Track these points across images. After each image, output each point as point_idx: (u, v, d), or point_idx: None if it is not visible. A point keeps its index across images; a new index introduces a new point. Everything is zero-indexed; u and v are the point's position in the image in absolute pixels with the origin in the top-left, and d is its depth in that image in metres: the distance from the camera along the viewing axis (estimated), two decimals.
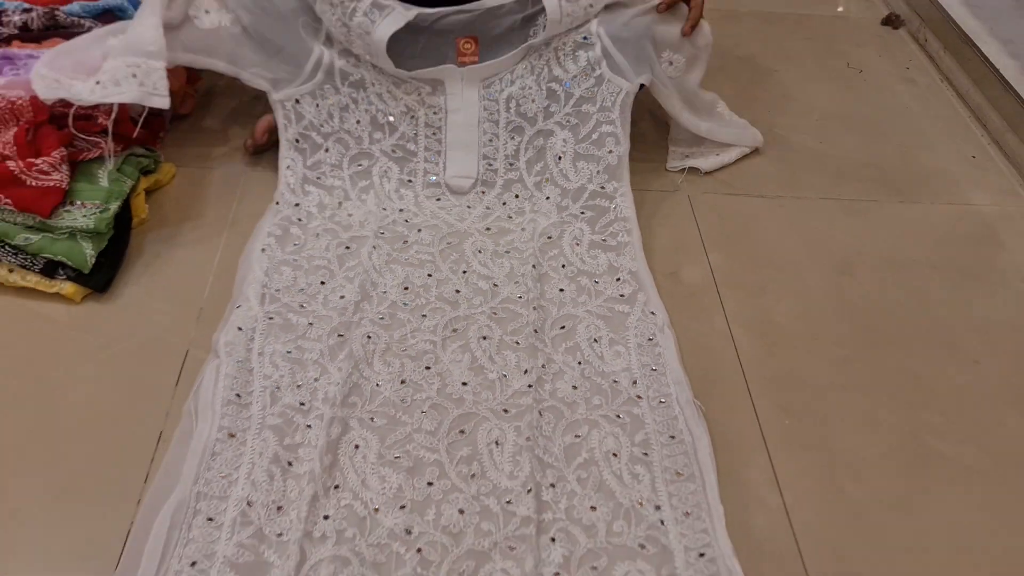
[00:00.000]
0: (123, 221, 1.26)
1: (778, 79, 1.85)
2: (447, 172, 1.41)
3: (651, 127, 1.63)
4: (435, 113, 1.41)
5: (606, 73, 1.39)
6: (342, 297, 1.21)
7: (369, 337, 1.16)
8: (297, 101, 1.38)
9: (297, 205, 1.35)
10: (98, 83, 1.23)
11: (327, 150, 1.40)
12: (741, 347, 1.21)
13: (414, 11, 1.32)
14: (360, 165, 1.41)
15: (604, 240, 1.34)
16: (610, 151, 1.40)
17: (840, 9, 2.21)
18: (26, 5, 1.40)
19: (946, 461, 1.08)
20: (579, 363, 1.15)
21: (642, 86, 1.42)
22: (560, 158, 1.40)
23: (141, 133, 1.33)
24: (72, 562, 0.90)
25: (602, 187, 1.39)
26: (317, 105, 1.38)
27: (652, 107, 1.60)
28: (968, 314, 1.30)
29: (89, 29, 1.37)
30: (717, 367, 1.18)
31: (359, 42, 1.33)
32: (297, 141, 1.39)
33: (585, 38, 1.38)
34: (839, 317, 1.28)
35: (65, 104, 1.22)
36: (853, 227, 1.46)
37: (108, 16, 1.42)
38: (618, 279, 1.28)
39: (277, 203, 1.36)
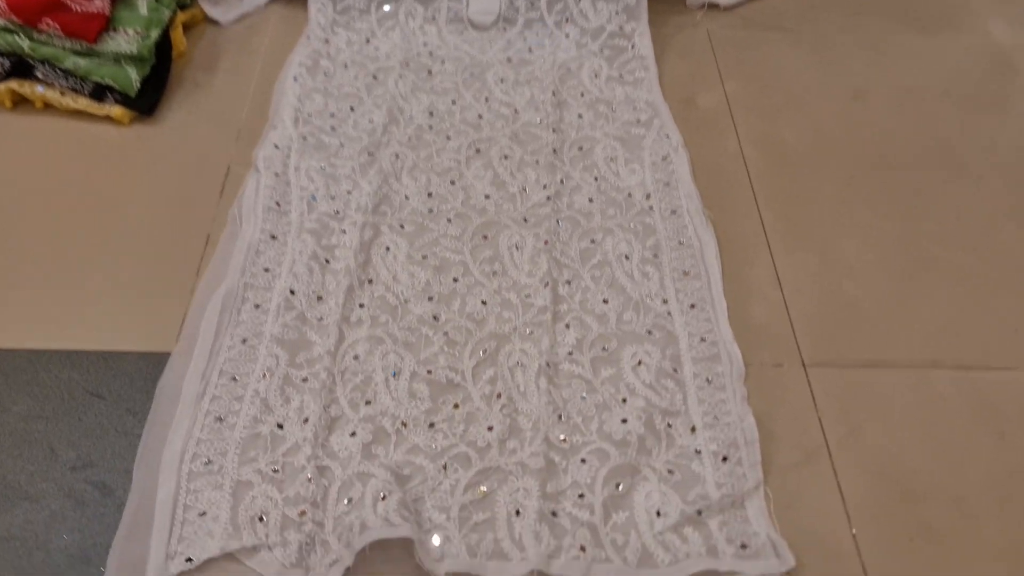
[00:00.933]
0: (164, 50, 1.32)
1: None
2: (470, 8, 1.43)
3: None
4: None
5: None
6: (371, 121, 1.27)
7: (397, 156, 1.22)
8: None
9: (327, 41, 1.39)
10: None
11: None
12: (752, 165, 1.25)
13: None
14: (386, 9, 1.44)
15: (621, 76, 1.37)
16: None
17: None
18: None
19: (941, 264, 1.14)
20: (595, 179, 1.21)
21: None
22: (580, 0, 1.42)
23: None
24: (139, 338, 1.00)
25: (620, 28, 1.41)
26: None
27: None
28: (976, 137, 1.33)
29: None
30: (728, 183, 1.23)
31: None
32: None
33: None
34: (849, 140, 1.31)
35: None
36: (870, 58, 1.47)
37: None
38: (635, 107, 1.31)
39: (308, 37, 1.40)
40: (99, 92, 1.25)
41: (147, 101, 1.26)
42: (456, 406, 0.94)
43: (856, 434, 0.94)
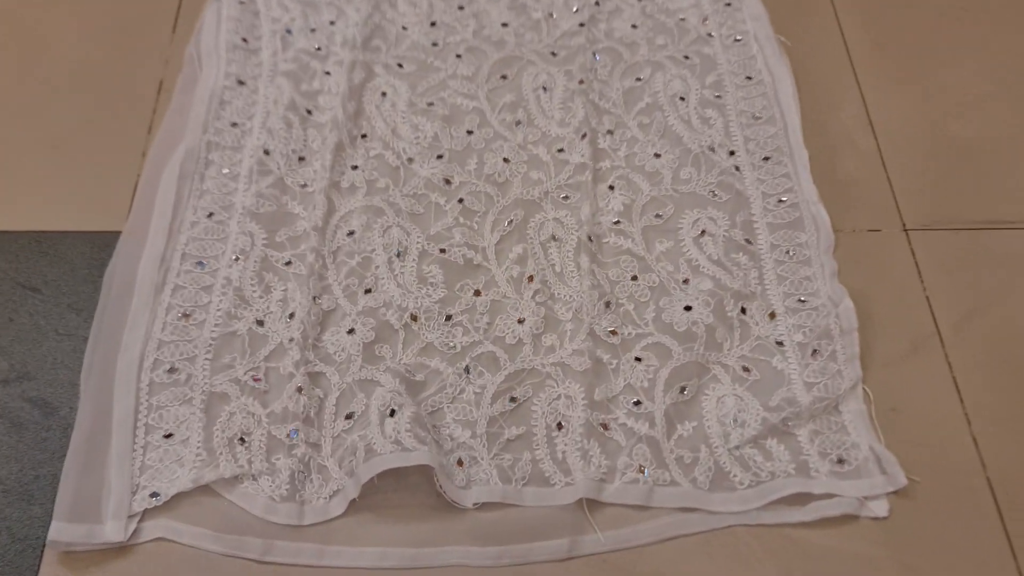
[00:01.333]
0: None
1: None
2: None
3: None
4: None
5: None
6: None
7: None
8: None
9: None
10: None
11: None
12: None
13: None
14: None
15: None
16: None
17: None
18: None
19: None
20: None
21: None
22: None
23: None
24: (79, 214, 0.80)
25: None
26: None
27: None
28: None
29: None
30: (802, 4, 0.98)
31: None
32: None
33: None
34: None
35: None
36: None
37: None
38: None
39: None
40: None
41: None
42: (477, 293, 0.76)
43: (974, 315, 0.76)
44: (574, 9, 0.94)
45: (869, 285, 0.77)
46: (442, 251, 0.77)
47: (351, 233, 0.78)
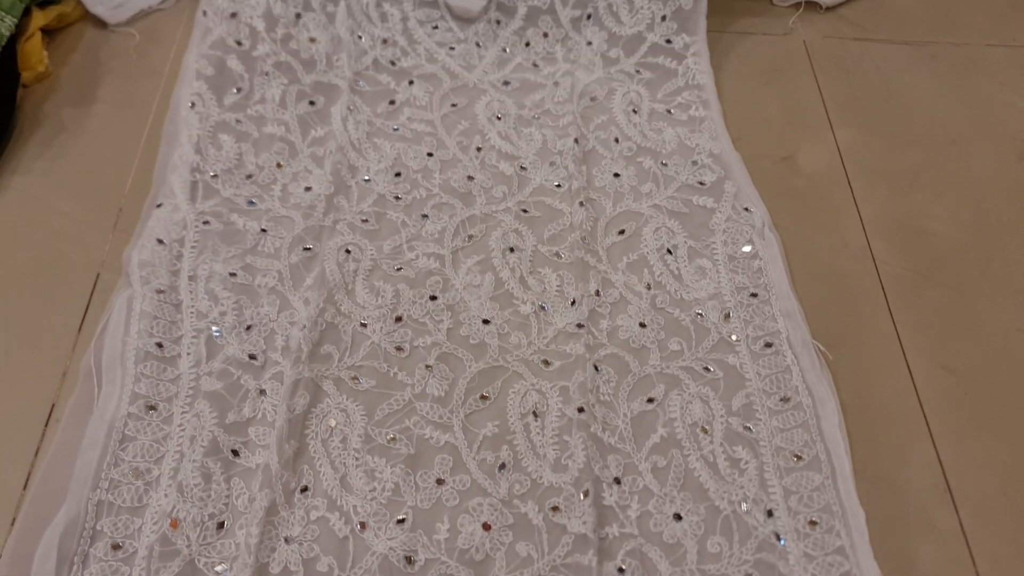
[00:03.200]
0: (5, 80, 0.86)
1: None
2: None
3: None
4: None
5: None
6: (308, 189, 0.82)
7: (348, 251, 0.78)
8: None
9: (234, 16, 0.92)
10: None
11: None
12: (886, 271, 0.82)
13: None
14: None
15: (670, 112, 0.93)
16: None
17: None
18: None
19: None
20: (648, 287, 0.78)
21: None
22: None
23: None
24: None
25: (668, 40, 0.96)
26: None
27: None
28: None
29: None
30: (853, 301, 0.80)
31: None
32: None
33: None
34: (1022, 224, 0.88)
35: None
36: None
37: None
38: (694, 162, 0.88)
39: (204, 13, 0.92)
40: None
41: None
42: None
43: None
44: (570, 302, 0.76)
45: None
46: None
47: None
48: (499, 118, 0.91)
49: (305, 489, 0.65)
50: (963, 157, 0.95)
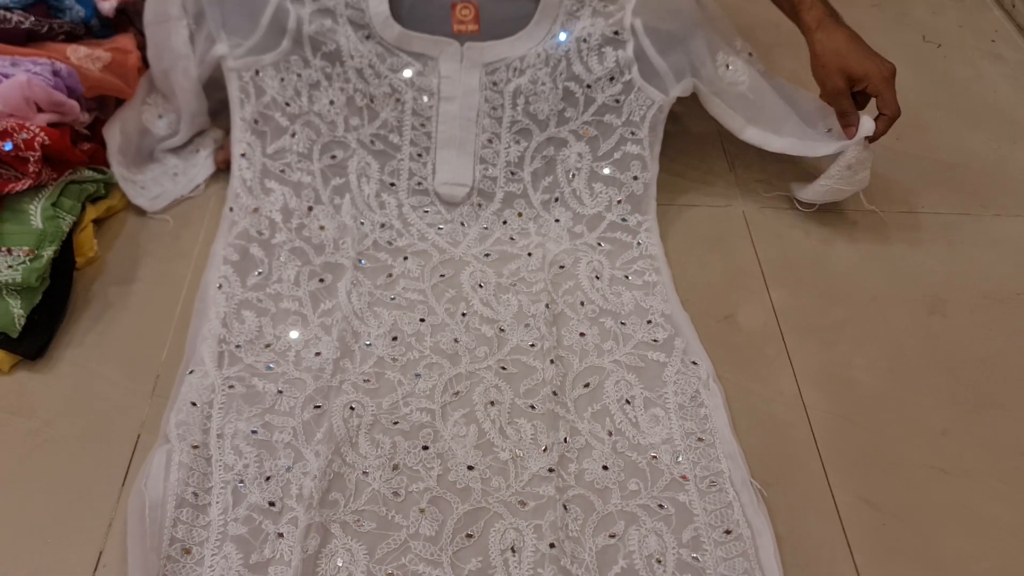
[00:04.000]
0: (63, 266, 1.01)
1: None
2: (436, 177, 1.13)
3: (700, 115, 1.26)
4: (426, 99, 1.11)
5: (636, 80, 1.10)
6: (318, 354, 0.95)
7: (352, 408, 0.90)
8: (257, 72, 1.09)
9: (256, 211, 1.07)
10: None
11: (293, 135, 1.10)
12: (813, 414, 0.95)
13: None
14: (333, 157, 1.11)
15: (627, 277, 1.08)
16: (635, 177, 1.12)
17: None
18: None
19: None
20: (609, 434, 0.90)
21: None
22: (573, 176, 1.13)
23: (88, 150, 1.08)
24: None
25: (623, 219, 1.12)
26: (282, 79, 1.09)
27: None
28: None
29: (17, 24, 1.07)
30: (785, 444, 0.92)
31: None
32: (256, 122, 1.10)
33: (616, 32, 1.08)
34: (933, 372, 1.01)
35: None
36: (941, 251, 1.17)
37: (40, 7, 1.12)
38: (649, 321, 1.02)
39: (231, 209, 1.08)
40: None
41: (35, 342, 0.94)
42: None
43: None
44: (543, 448, 0.88)
45: None
46: None
47: None
48: (481, 286, 1.05)
49: None
50: (881, 312, 1.09)
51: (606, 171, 1.12)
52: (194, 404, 0.88)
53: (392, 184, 1.13)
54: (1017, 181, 1.31)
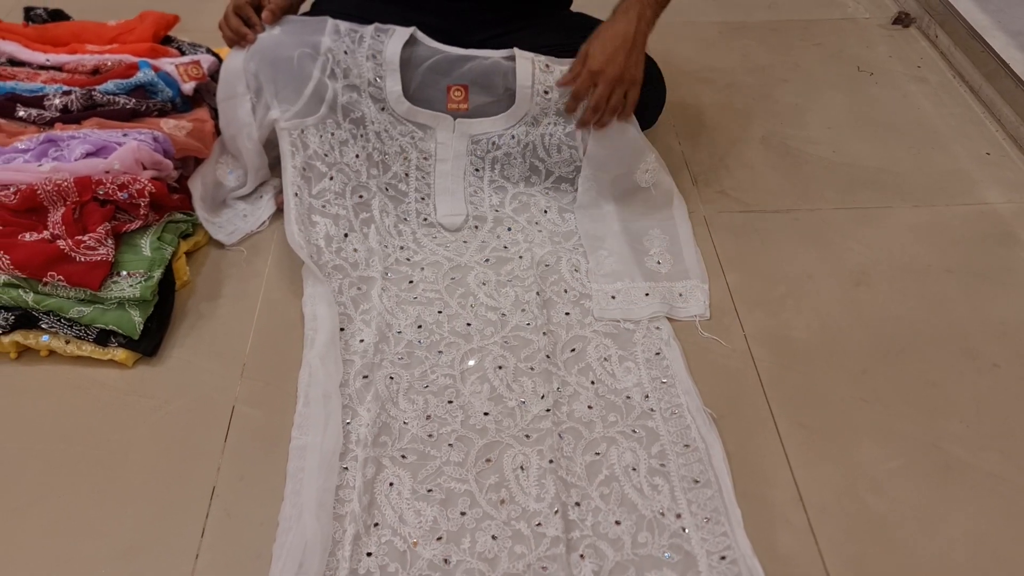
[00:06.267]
0: (167, 285, 1.25)
1: (788, 89, 1.74)
2: (437, 213, 1.36)
3: (673, 141, 1.52)
4: (425, 159, 1.36)
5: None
6: (362, 341, 1.17)
7: (392, 378, 1.12)
8: (302, 131, 1.32)
9: (307, 241, 1.29)
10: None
11: (331, 178, 1.33)
12: (760, 363, 1.15)
13: (412, 28, 1.31)
14: (360, 197, 1.34)
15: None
16: None
17: (849, 10, 2.05)
18: (65, 88, 1.37)
19: (968, 469, 1.02)
20: (592, 383, 1.11)
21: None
22: (546, 211, 1.37)
23: (179, 199, 1.32)
24: None
25: None
26: (320, 136, 1.32)
27: (674, 122, 1.58)
28: (986, 317, 1.22)
29: (124, 106, 1.34)
30: (740, 388, 1.12)
31: (368, 64, 1.30)
32: (304, 170, 1.33)
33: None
34: (856, 329, 1.21)
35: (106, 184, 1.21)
36: (868, 236, 1.37)
37: (139, 91, 1.39)
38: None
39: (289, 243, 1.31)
40: (103, 337, 1.17)
41: (150, 342, 1.18)
42: None
43: None
44: (541, 396, 1.09)
45: None
46: None
47: None
48: (484, 284, 1.27)
49: (377, 524, 0.95)
50: (815, 287, 1.29)
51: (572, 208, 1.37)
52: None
53: (405, 219, 1.37)
54: (932, 178, 1.52)
